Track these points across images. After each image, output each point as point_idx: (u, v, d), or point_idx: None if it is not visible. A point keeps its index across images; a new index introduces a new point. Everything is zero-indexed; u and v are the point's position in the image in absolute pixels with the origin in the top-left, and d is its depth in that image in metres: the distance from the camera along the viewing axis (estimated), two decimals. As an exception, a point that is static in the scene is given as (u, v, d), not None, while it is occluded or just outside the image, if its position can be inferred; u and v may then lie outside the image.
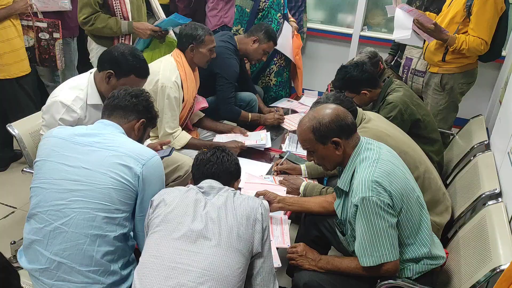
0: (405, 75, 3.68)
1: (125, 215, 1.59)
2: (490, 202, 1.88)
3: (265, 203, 1.91)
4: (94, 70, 2.14)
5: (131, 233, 1.67)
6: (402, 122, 2.46)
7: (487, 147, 2.52)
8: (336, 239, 2.01)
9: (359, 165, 1.68)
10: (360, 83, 2.57)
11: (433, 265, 1.72)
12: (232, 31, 3.56)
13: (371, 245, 1.60)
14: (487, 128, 2.75)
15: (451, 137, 3.08)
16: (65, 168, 1.56)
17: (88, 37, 3.06)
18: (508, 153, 2.10)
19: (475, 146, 2.57)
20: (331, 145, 1.69)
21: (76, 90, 2.07)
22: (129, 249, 1.65)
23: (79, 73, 3.70)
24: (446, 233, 2.10)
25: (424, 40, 3.31)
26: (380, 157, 1.68)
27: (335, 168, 1.81)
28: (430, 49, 3.06)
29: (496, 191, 1.99)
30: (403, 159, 1.82)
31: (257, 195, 2.01)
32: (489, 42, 2.79)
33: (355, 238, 1.69)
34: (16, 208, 2.99)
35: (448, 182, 2.54)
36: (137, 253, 1.59)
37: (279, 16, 3.50)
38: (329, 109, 1.71)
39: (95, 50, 3.03)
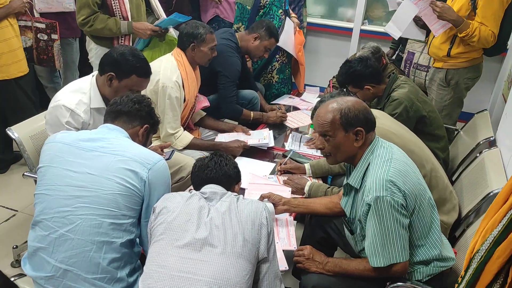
0: (407, 69, 3.67)
1: (131, 221, 1.57)
2: (498, 201, 1.85)
3: (269, 206, 1.90)
4: (96, 73, 2.12)
5: (137, 239, 1.66)
6: (407, 119, 2.44)
7: (492, 143, 2.50)
8: (342, 240, 2.00)
9: (372, 162, 1.65)
10: (364, 78, 2.55)
11: (443, 267, 1.71)
12: (233, 28, 3.52)
13: (382, 246, 1.58)
14: (492, 123, 2.72)
15: (456, 132, 3.06)
16: (69, 174, 1.54)
17: (87, 37, 3.03)
18: (515, 150, 2.08)
19: (481, 142, 2.55)
20: (352, 135, 1.66)
21: (79, 94, 2.05)
22: (135, 256, 1.64)
23: (80, 74, 3.72)
24: (454, 232, 2.08)
25: (427, 34, 3.29)
26: (393, 156, 1.66)
27: (343, 162, 1.77)
28: (434, 44, 3.03)
29: (504, 190, 1.96)
30: (410, 158, 1.79)
31: (262, 198, 1.99)
32: (497, 35, 2.76)
33: (364, 237, 1.67)
34: (17, 211, 2.96)
35: (453, 179, 2.52)
36: (143, 259, 1.57)
37: (281, 12, 3.46)
38: (358, 101, 1.71)
39: (94, 50, 2.99)
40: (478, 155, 2.39)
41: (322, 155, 2.63)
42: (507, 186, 0.98)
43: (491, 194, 1.99)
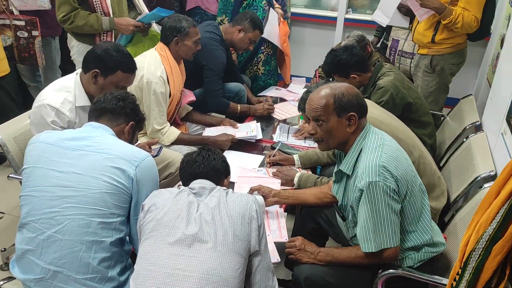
0: (392, 57, 3.67)
1: (120, 219, 1.55)
2: (486, 185, 1.87)
3: (259, 199, 1.90)
4: (79, 71, 2.08)
5: (127, 238, 1.64)
6: (394, 107, 2.45)
7: (478, 128, 2.52)
8: (333, 230, 2.00)
9: (364, 148, 1.66)
10: (349, 66, 2.54)
11: (434, 252, 1.72)
12: (216, 21, 3.49)
13: (374, 231, 1.59)
14: (477, 108, 2.74)
15: (442, 118, 3.08)
16: (55, 174, 1.52)
17: (68, 34, 2.97)
18: (501, 134, 2.10)
19: (467, 127, 2.57)
20: (345, 120, 1.66)
21: (64, 93, 2.01)
22: (126, 254, 1.62)
23: (62, 72, 3.67)
24: (443, 218, 2.10)
25: (410, 21, 3.30)
26: (385, 142, 1.67)
27: (334, 148, 1.77)
28: (418, 31, 3.04)
29: (491, 173, 1.98)
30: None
31: (252, 191, 1.99)
32: (480, 19, 2.77)
33: (356, 224, 1.68)
34: (4, 213, 2.92)
35: (441, 165, 2.54)
36: (134, 257, 1.56)
37: (265, 3, 3.44)
38: (351, 87, 1.71)
39: (76, 48, 2.94)
40: (464, 140, 2.40)
41: (307, 147, 2.65)
42: (498, 180, 0.98)
43: (479, 178, 2.01)
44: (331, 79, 2.59)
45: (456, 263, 1.09)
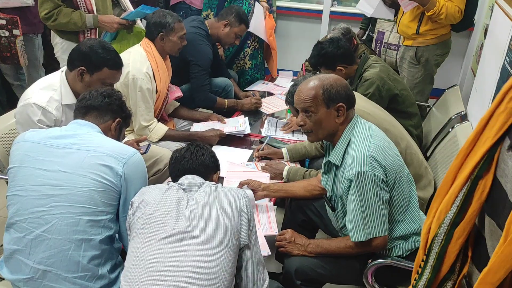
0: (378, 49, 3.69)
1: (109, 217, 1.55)
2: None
3: (249, 192, 1.90)
4: (64, 68, 2.06)
5: (117, 235, 1.64)
6: (380, 99, 2.46)
7: (464, 117, 2.55)
8: (323, 222, 2.02)
9: (353, 139, 1.67)
10: (336, 59, 2.55)
11: (422, 241, 1.74)
12: (202, 15, 3.47)
13: (363, 220, 1.60)
14: (462, 98, 2.78)
15: (428, 109, 3.11)
16: (42, 173, 1.51)
17: (52, 31, 2.93)
18: (486, 123, 2.12)
19: (453, 117, 2.60)
20: (333, 111, 1.67)
21: (49, 91, 1.99)
22: (116, 252, 1.61)
23: (45, 70, 3.61)
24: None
25: (395, 13, 3.32)
26: (373, 133, 1.68)
27: (323, 140, 1.79)
28: (403, 23, 3.06)
29: (477, 162, 2.00)
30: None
31: (241, 185, 1.99)
32: (463, 10, 2.80)
33: (345, 214, 1.69)
34: (-9, 214, 2.88)
35: (428, 155, 2.57)
36: (124, 254, 1.55)
37: (250, -3, 3.42)
38: (339, 78, 1.72)
39: (59, 45, 2.90)
40: (450, 130, 2.43)
41: (295, 140, 2.66)
42: (453, 166, 1.01)
43: (465, 167, 2.03)
44: (317, 72, 2.59)
45: (419, 251, 1.11)
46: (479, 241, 1.01)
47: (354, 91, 2.37)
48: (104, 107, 1.68)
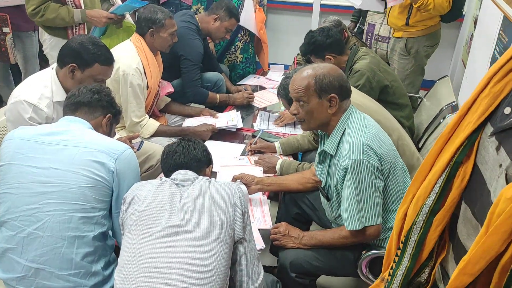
0: (368, 41, 3.69)
1: (102, 213, 1.54)
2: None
3: (243, 187, 1.89)
4: (55, 65, 2.04)
5: (110, 232, 1.63)
6: (370, 90, 2.46)
7: (455, 108, 2.56)
8: (316, 214, 2.02)
9: (348, 128, 1.68)
10: (325, 48, 2.56)
11: (416, 231, 1.75)
12: (192, 10, 3.44)
13: (358, 208, 1.61)
14: (453, 89, 2.79)
15: (419, 100, 3.12)
16: (32, 171, 1.49)
17: (40, 28, 2.90)
18: (477, 113, 2.13)
19: (444, 108, 2.60)
20: (325, 101, 1.67)
21: (40, 88, 1.97)
22: (109, 248, 1.61)
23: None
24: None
25: (385, 5, 3.31)
26: (368, 122, 1.69)
27: (315, 129, 1.79)
28: (393, 14, 3.06)
29: (468, 152, 2.01)
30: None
31: (234, 179, 1.99)
32: (452, 0, 2.80)
33: (341, 203, 1.69)
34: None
35: (420, 146, 2.58)
36: (118, 251, 1.55)
37: (239, -10, 3.40)
38: (334, 68, 1.71)
39: (48, 41, 2.87)
40: (441, 120, 2.44)
41: (288, 134, 2.66)
42: (432, 150, 0.99)
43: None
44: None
45: (392, 236, 1.09)
46: (453, 225, 1.00)
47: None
48: (94, 103, 1.67)
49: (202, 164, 1.63)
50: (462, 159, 0.92)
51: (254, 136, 2.57)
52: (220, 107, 3.04)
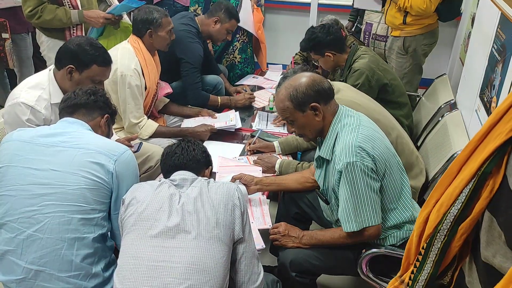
0: (366, 40, 3.69)
1: (102, 215, 1.53)
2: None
3: (241, 187, 1.90)
4: (52, 67, 2.03)
5: (109, 233, 1.62)
6: (370, 89, 2.47)
7: (453, 106, 2.56)
8: (316, 214, 2.02)
9: (340, 132, 1.68)
10: (324, 45, 2.56)
11: (415, 230, 1.75)
12: (189, 11, 3.44)
13: (354, 210, 1.61)
14: (451, 87, 2.79)
15: (418, 99, 3.12)
16: (31, 172, 1.49)
17: (37, 29, 2.89)
18: (475, 110, 2.13)
19: (442, 106, 2.61)
20: (310, 112, 1.67)
21: (38, 90, 1.97)
22: (109, 250, 1.60)
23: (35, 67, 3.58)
24: (423, 196, 2.14)
25: (383, 4, 3.32)
26: (361, 123, 1.69)
27: (316, 137, 1.79)
28: (390, 13, 3.07)
29: (467, 150, 2.01)
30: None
31: (233, 179, 1.99)
32: (434, 1, 2.80)
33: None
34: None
35: (419, 144, 2.58)
36: (117, 252, 1.54)
37: (237, -10, 3.40)
38: (305, 77, 1.70)
39: (45, 43, 2.86)
40: (440, 118, 2.44)
41: (287, 133, 2.66)
42: (460, 157, 0.97)
43: (455, 155, 2.04)
44: (306, 64, 2.59)
45: (412, 238, 1.08)
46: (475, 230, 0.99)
47: (344, 82, 2.39)
48: (91, 104, 1.67)
49: (201, 165, 1.63)
50: (491, 170, 0.90)
51: (253, 136, 2.56)
52: (220, 109, 3.04)
